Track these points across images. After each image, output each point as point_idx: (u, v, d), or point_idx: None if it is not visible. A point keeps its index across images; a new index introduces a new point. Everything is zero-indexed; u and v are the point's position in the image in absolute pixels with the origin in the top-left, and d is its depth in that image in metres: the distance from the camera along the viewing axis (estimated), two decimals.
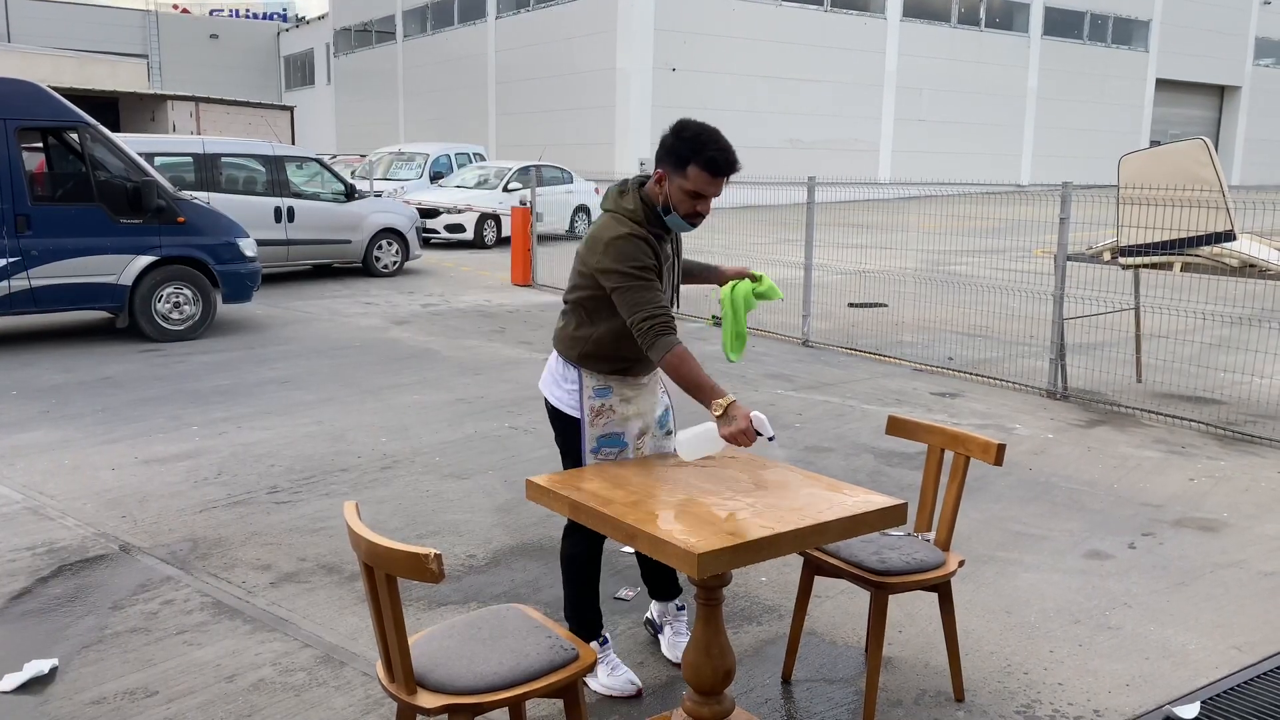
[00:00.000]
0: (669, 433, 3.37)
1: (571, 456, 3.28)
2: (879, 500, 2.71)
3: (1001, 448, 3.19)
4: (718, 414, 2.81)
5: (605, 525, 2.58)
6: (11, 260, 8.47)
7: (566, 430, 3.27)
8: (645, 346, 2.93)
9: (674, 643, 3.53)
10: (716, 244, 16.23)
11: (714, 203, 3.08)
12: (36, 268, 8.58)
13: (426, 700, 2.36)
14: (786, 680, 3.41)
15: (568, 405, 3.24)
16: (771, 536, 2.45)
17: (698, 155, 2.91)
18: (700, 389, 2.86)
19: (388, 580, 2.32)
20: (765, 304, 3.61)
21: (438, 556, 2.21)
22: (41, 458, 5.77)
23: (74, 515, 4.87)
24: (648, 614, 3.74)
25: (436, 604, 3.94)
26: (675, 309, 3.24)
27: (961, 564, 3.24)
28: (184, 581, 4.13)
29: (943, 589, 3.23)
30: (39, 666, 3.38)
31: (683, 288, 3.47)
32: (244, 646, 3.59)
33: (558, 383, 3.29)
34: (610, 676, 3.29)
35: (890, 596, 3.12)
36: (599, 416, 3.20)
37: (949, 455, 3.37)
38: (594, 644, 3.32)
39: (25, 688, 3.30)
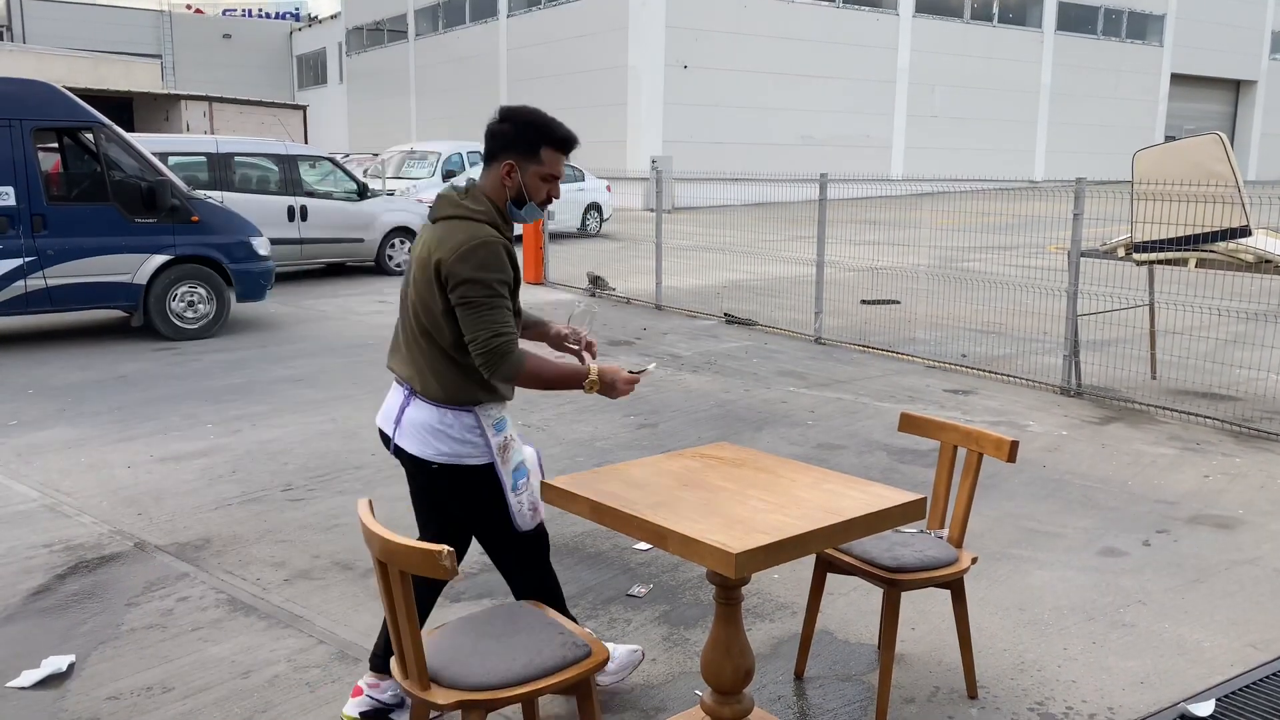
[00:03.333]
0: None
1: (497, 512, 2.88)
2: (898, 495, 2.71)
3: (1014, 445, 3.18)
4: (594, 391, 2.81)
5: (631, 526, 2.58)
6: (28, 260, 8.53)
7: (476, 486, 2.85)
8: (491, 367, 2.69)
9: None
10: (730, 241, 16.22)
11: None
12: (52, 267, 8.64)
13: (440, 696, 2.37)
14: (799, 677, 3.41)
15: (471, 456, 2.82)
16: (804, 534, 2.44)
17: (548, 137, 2.81)
18: (568, 378, 2.81)
19: (401, 577, 2.33)
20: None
21: (451, 553, 2.22)
22: (58, 456, 5.82)
23: (90, 513, 4.90)
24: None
25: (450, 600, 3.96)
26: None
27: (974, 561, 3.23)
28: (199, 578, 4.16)
29: (956, 586, 3.23)
30: (57, 663, 3.41)
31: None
32: (259, 643, 3.61)
33: (441, 436, 2.81)
34: (613, 660, 3.22)
35: (903, 593, 3.12)
36: (505, 450, 2.88)
37: (962, 452, 3.36)
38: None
39: (43, 683, 3.32)
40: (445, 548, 2.22)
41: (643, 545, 4.49)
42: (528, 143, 2.79)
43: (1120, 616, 3.88)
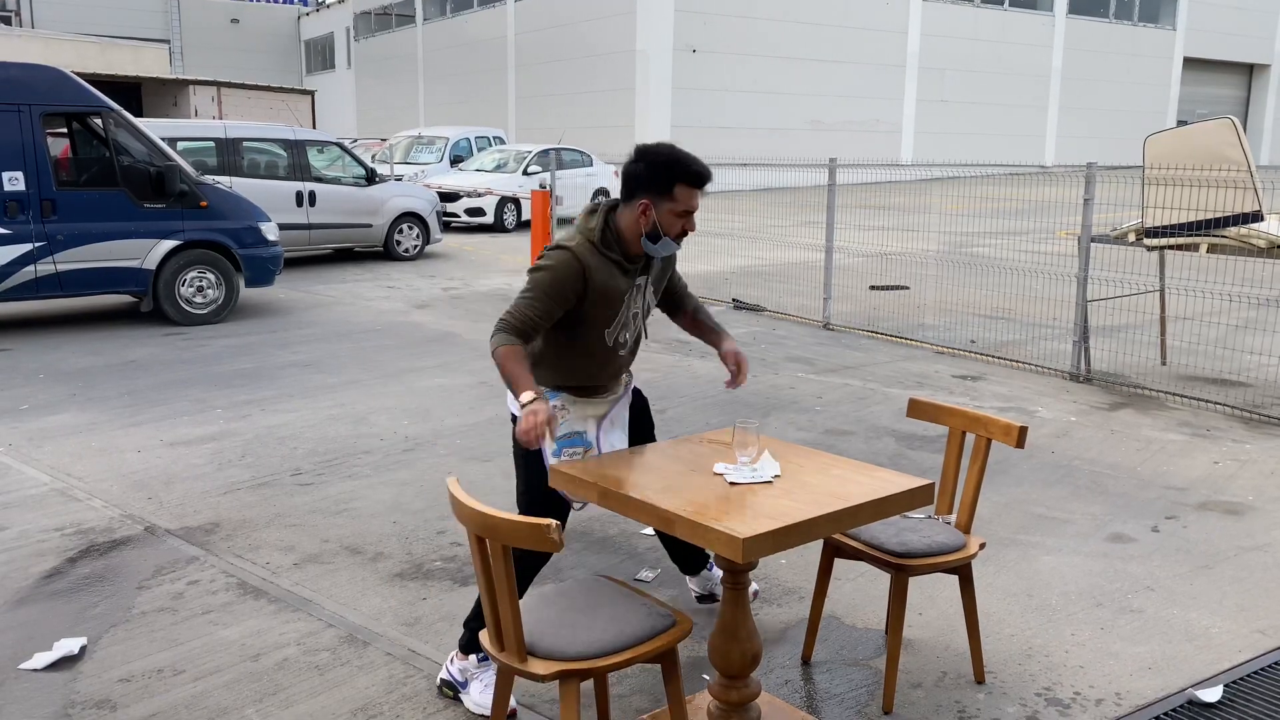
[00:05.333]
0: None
1: (531, 463, 3.12)
2: (907, 481, 2.70)
3: (1023, 430, 3.17)
4: (522, 405, 2.82)
5: (640, 511, 2.58)
6: (38, 245, 8.55)
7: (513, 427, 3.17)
8: (491, 334, 2.98)
9: None
10: (739, 226, 16.18)
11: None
12: (62, 252, 8.66)
13: (539, 667, 2.43)
14: (806, 661, 3.42)
15: (513, 406, 3.17)
16: (811, 519, 2.45)
17: (681, 175, 2.94)
18: (512, 383, 2.89)
19: (503, 551, 2.38)
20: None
21: (559, 526, 2.28)
22: (69, 440, 5.84)
23: (101, 497, 4.93)
24: (694, 591, 3.79)
25: (459, 584, 3.97)
26: (637, 336, 3.24)
27: (982, 546, 3.23)
28: (209, 562, 4.18)
29: (963, 572, 3.22)
30: (69, 646, 3.43)
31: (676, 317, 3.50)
32: (268, 626, 3.63)
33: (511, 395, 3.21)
34: (483, 694, 3.07)
35: (910, 579, 3.12)
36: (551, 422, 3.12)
37: (971, 438, 3.35)
38: (473, 658, 3.14)
39: (55, 666, 3.35)
40: (554, 521, 2.28)
41: (650, 530, 4.49)
42: (661, 180, 2.94)
43: (1128, 602, 3.88)
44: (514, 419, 3.11)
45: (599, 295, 3.02)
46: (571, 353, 3.12)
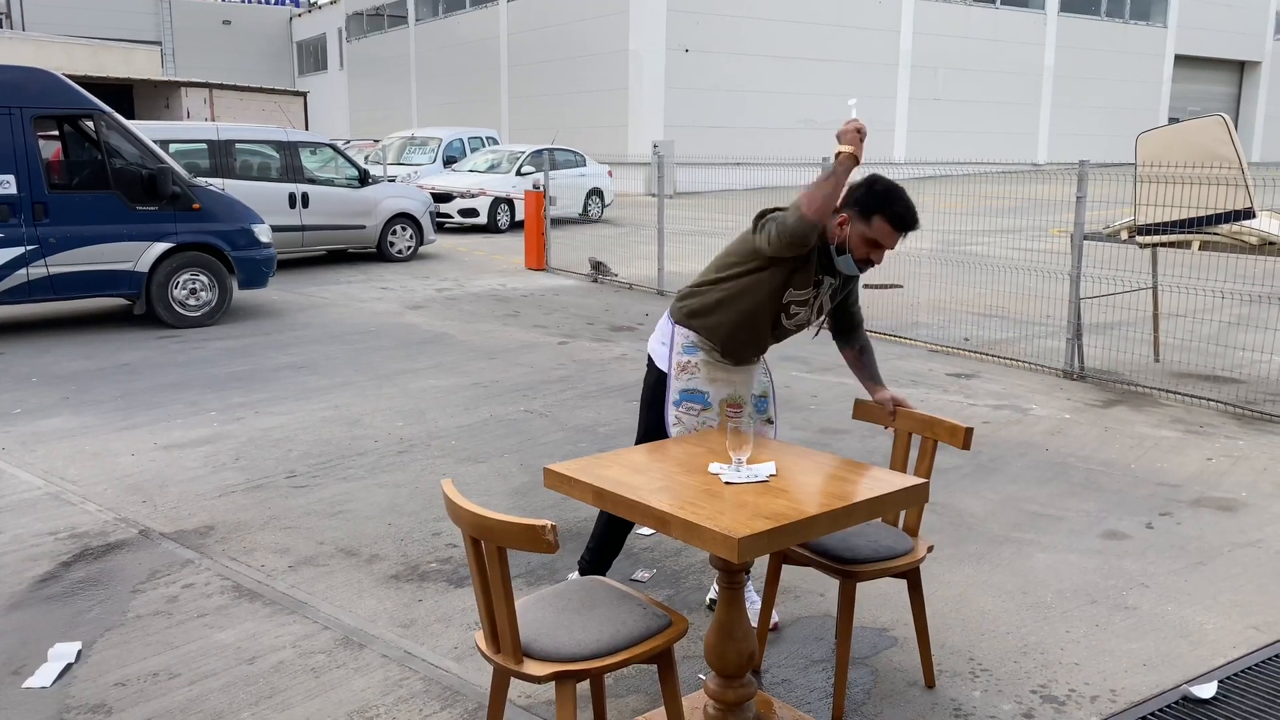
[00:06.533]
0: (769, 420, 3.59)
1: (653, 409, 3.50)
2: (903, 480, 2.70)
3: (969, 431, 3.14)
4: (840, 155, 2.99)
5: (634, 511, 2.58)
6: (30, 248, 8.53)
7: (656, 383, 3.51)
8: (781, 222, 3.13)
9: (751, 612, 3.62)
10: (732, 225, 16.22)
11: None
12: (54, 255, 8.63)
13: (535, 668, 2.42)
14: (757, 671, 3.39)
15: (660, 357, 3.50)
16: (807, 519, 2.44)
17: (885, 209, 3.13)
18: (831, 178, 3.02)
19: (498, 553, 2.37)
20: None
21: (553, 528, 2.27)
22: (62, 444, 5.83)
23: (95, 500, 4.92)
24: (710, 595, 3.82)
25: (454, 585, 3.97)
26: (798, 327, 3.48)
27: (930, 550, 3.18)
28: (204, 565, 4.17)
29: (911, 577, 3.16)
30: (65, 659, 3.41)
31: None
32: (264, 629, 3.62)
33: (658, 336, 3.57)
34: None
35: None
36: (683, 371, 3.45)
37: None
38: None
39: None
40: (549, 523, 2.27)
41: (646, 531, 4.49)
42: (866, 206, 3.15)
43: (1123, 599, 3.89)
44: (660, 373, 3.47)
45: (800, 266, 3.23)
46: (737, 320, 3.34)
